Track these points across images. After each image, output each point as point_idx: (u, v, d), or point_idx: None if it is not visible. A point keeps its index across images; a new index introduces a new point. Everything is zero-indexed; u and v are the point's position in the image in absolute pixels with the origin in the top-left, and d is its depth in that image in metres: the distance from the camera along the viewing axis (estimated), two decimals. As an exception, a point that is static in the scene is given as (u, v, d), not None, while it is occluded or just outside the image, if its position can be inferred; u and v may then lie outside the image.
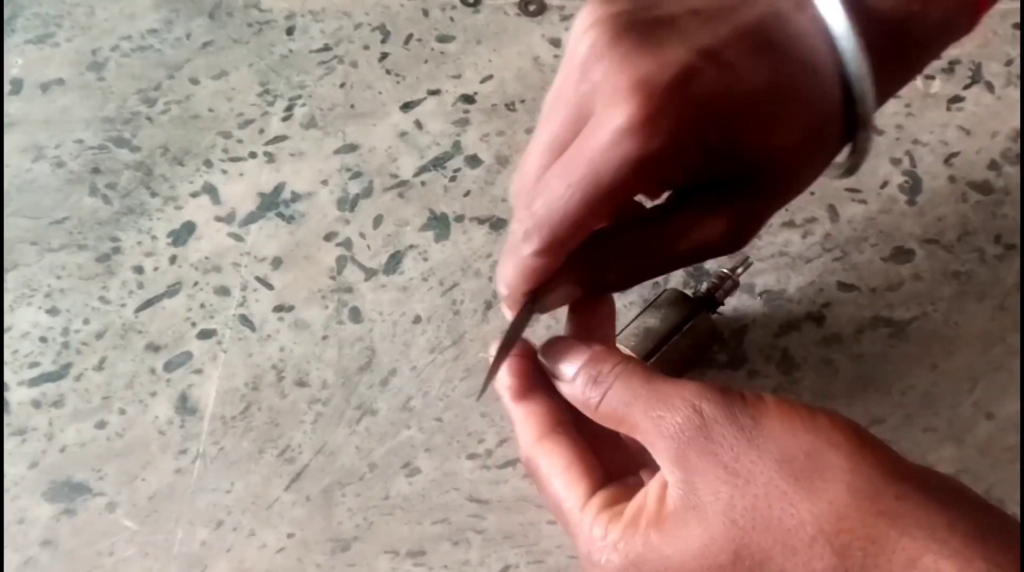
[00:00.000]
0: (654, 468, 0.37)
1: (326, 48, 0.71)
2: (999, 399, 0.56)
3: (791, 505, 0.32)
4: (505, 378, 0.41)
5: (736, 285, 0.56)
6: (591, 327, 0.43)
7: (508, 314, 0.43)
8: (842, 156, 0.43)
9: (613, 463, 0.39)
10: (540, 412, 0.40)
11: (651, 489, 0.36)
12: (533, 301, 0.42)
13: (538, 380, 0.41)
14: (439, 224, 0.63)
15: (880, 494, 0.32)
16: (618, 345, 0.46)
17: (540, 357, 0.41)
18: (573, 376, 0.39)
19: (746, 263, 0.57)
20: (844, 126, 0.41)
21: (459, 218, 0.63)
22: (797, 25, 0.39)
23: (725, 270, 0.56)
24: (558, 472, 0.38)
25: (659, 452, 0.35)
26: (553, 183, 0.39)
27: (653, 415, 0.35)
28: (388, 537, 0.53)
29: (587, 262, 0.42)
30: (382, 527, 0.53)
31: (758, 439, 0.33)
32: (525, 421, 0.40)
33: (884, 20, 0.40)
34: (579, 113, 0.39)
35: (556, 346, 0.41)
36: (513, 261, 0.42)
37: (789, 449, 0.33)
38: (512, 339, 0.41)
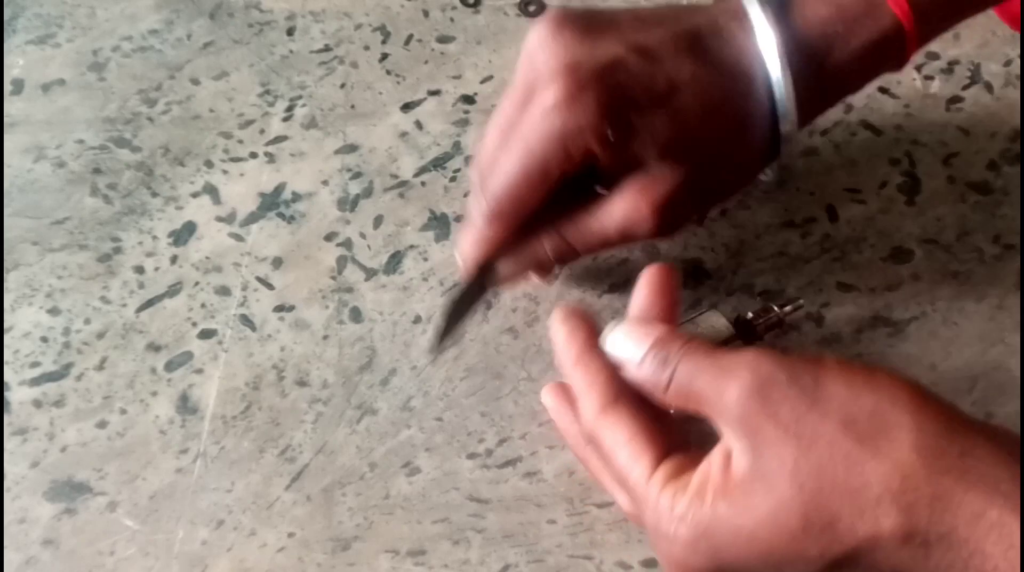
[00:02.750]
0: (708, 447, 0.37)
1: (326, 49, 0.71)
2: (998, 399, 0.57)
3: (856, 466, 0.32)
4: (564, 346, 0.43)
5: (780, 323, 0.54)
6: (653, 309, 0.44)
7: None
8: (771, 170, 0.48)
9: (674, 436, 0.40)
10: (600, 382, 0.40)
11: (714, 458, 0.36)
12: (483, 273, 0.47)
13: (596, 348, 0.42)
14: (439, 224, 0.63)
15: (944, 451, 0.32)
16: None
17: (604, 345, 0.41)
18: (641, 359, 0.39)
19: (796, 304, 0.55)
20: (769, 138, 0.45)
21: (459, 218, 0.63)
22: (730, 36, 0.44)
23: (774, 306, 0.55)
24: (622, 444, 0.38)
25: (724, 420, 0.36)
26: (499, 158, 0.45)
27: (717, 385, 0.36)
28: (388, 536, 0.53)
29: (526, 238, 0.47)
30: (382, 526, 0.53)
31: (820, 400, 0.33)
32: (588, 392, 0.41)
33: (808, 39, 0.44)
34: (525, 96, 0.45)
35: (619, 333, 0.41)
36: (468, 232, 0.47)
37: (851, 409, 0.33)
38: (459, 306, 0.46)
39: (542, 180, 0.44)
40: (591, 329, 0.43)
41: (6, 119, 0.68)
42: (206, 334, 0.60)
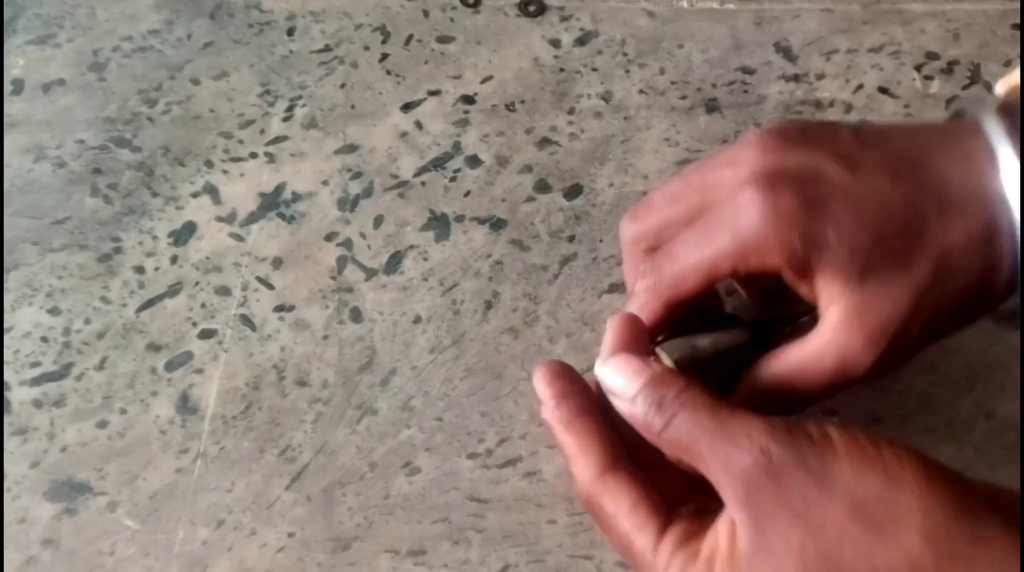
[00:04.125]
0: (710, 492, 0.36)
1: (326, 49, 0.71)
2: (998, 399, 0.57)
3: (864, 552, 0.32)
4: (553, 412, 0.40)
5: (796, 332, 0.48)
6: (627, 341, 0.42)
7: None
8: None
9: (670, 489, 0.39)
10: (596, 447, 0.39)
11: (720, 528, 0.35)
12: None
13: (587, 406, 0.40)
14: (439, 224, 0.63)
15: (953, 537, 0.32)
16: (658, 351, 0.44)
17: (597, 372, 0.40)
18: (633, 396, 0.37)
19: (813, 314, 0.49)
20: (993, 281, 0.40)
21: (459, 218, 0.63)
22: (962, 163, 0.38)
23: (789, 315, 0.50)
24: (624, 513, 0.37)
25: (725, 491, 0.35)
26: (681, 250, 0.42)
27: (719, 452, 0.34)
28: (388, 536, 0.53)
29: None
30: (382, 526, 0.53)
31: (828, 484, 0.33)
32: (582, 457, 0.39)
33: None
34: (712, 191, 0.41)
35: (611, 366, 0.39)
36: (634, 305, 0.44)
37: (859, 493, 0.32)
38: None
39: (707, 277, 0.41)
40: (580, 389, 0.41)
41: (6, 119, 0.68)
42: (206, 334, 0.60)
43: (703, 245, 0.41)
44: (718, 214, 0.40)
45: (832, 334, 0.39)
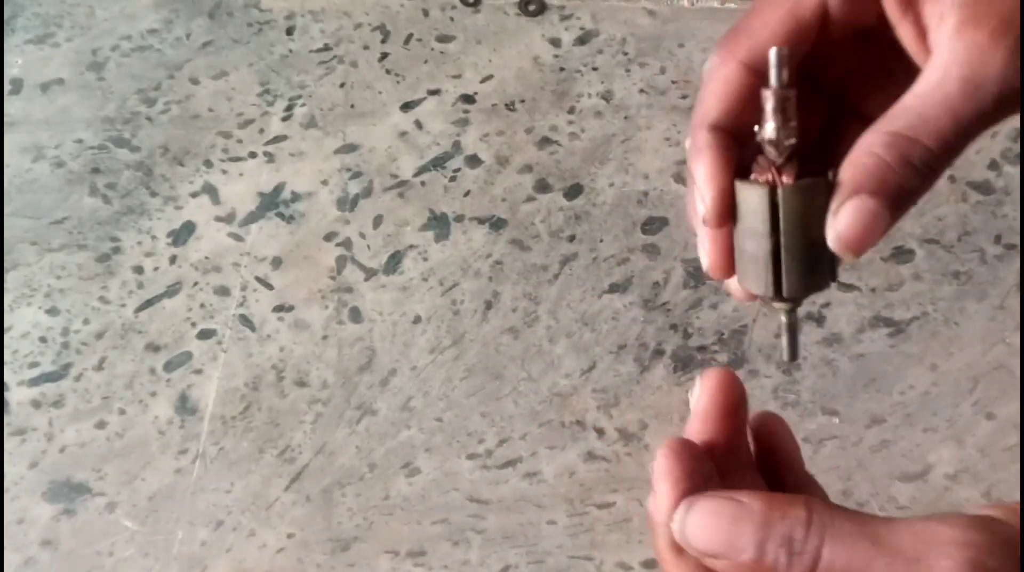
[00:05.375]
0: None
1: (326, 48, 0.71)
2: (999, 399, 0.56)
3: None
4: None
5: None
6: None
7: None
8: None
9: None
10: None
11: None
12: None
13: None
14: (439, 224, 0.63)
15: None
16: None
17: (681, 541, 0.29)
18: (754, 552, 0.28)
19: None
20: None
21: (459, 218, 0.63)
22: None
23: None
24: None
25: None
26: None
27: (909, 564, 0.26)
28: (388, 537, 0.53)
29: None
30: (382, 527, 0.53)
31: None
32: None
33: None
34: None
35: (697, 517, 0.29)
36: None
37: None
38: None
39: (795, 31, 0.34)
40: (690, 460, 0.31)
41: (5, 119, 0.68)
42: (205, 334, 0.60)
43: None
44: None
45: (951, 44, 0.31)
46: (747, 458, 0.33)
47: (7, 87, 0.69)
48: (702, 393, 0.32)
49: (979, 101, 0.31)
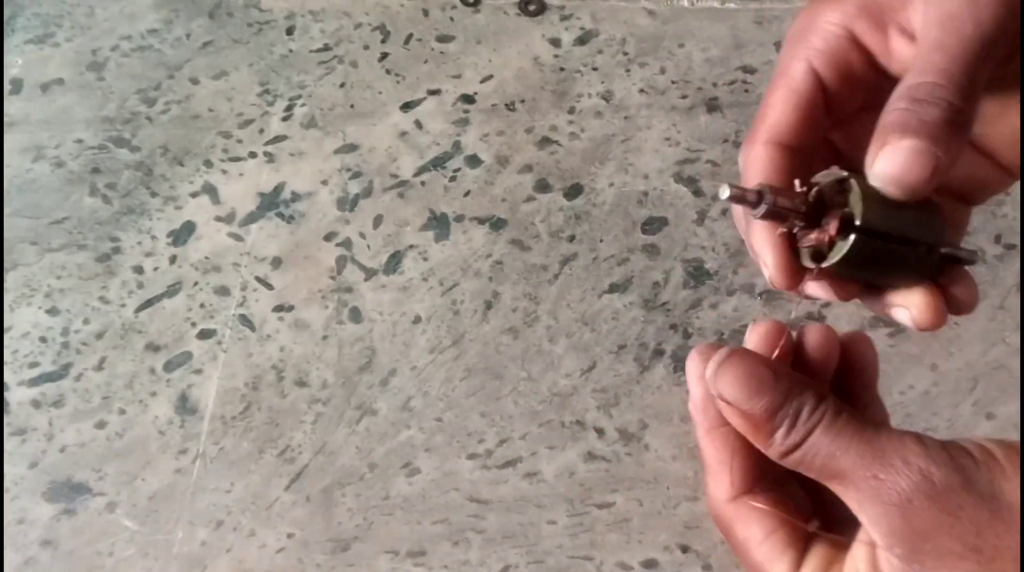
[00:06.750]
0: (833, 505, 0.33)
1: (326, 48, 0.71)
2: (999, 399, 0.56)
3: None
4: (698, 410, 0.35)
5: (972, 262, 0.36)
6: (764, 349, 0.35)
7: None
8: None
9: (798, 503, 0.34)
10: (735, 464, 0.34)
11: (857, 554, 0.32)
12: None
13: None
14: (439, 224, 0.63)
15: None
16: (850, 176, 0.33)
17: (709, 381, 0.33)
18: (763, 413, 0.32)
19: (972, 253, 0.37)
20: None
21: (459, 218, 0.63)
22: None
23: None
24: (758, 541, 0.34)
25: (874, 519, 0.31)
26: None
27: (867, 475, 0.30)
28: (388, 537, 0.53)
29: None
30: (382, 527, 0.53)
31: (1000, 510, 0.29)
32: (717, 473, 0.35)
33: None
34: None
35: (728, 371, 0.33)
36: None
37: None
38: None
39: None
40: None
41: (5, 119, 0.68)
42: (205, 334, 0.60)
43: None
44: None
45: (926, 12, 0.34)
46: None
47: (7, 87, 0.69)
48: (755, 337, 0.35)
49: (961, 32, 0.32)
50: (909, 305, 0.35)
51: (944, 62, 0.32)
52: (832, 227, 0.32)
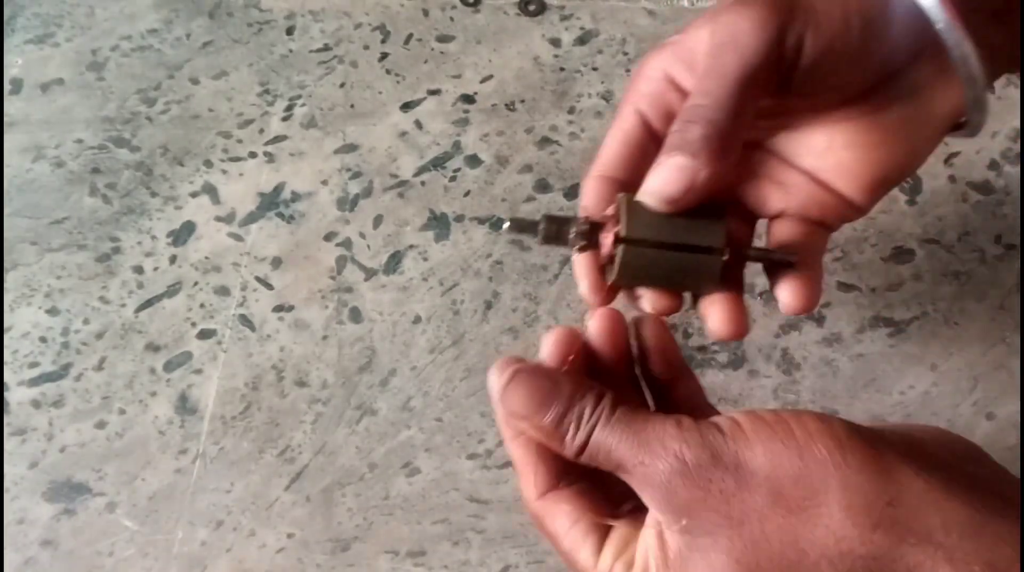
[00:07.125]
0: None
1: (326, 48, 0.71)
2: (999, 399, 0.56)
3: (790, 537, 0.32)
4: (503, 420, 0.38)
5: (790, 265, 0.41)
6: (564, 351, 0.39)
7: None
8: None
9: (615, 487, 0.38)
10: (538, 464, 0.38)
11: (648, 535, 0.36)
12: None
13: None
14: (439, 224, 0.63)
15: (871, 505, 0.32)
16: (636, 198, 0.37)
17: (499, 401, 0.36)
18: (547, 421, 0.35)
19: (789, 256, 0.41)
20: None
21: (459, 218, 0.63)
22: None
23: (768, 250, 0.42)
24: (563, 533, 0.38)
25: (648, 498, 0.35)
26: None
27: (636, 462, 0.34)
28: (388, 537, 0.53)
29: None
30: (382, 527, 0.53)
31: (745, 477, 0.33)
32: (524, 475, 0.39)
33: None
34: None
35: (513, 388, 0.36)
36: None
37: (776, 479, 0.33)
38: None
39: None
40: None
41: (5, 119, 0.68)
42: (205, 334, 0.60)
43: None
44: None
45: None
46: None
47: (7, 87, 0.69)
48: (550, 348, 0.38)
49: (723, 59, 0.37)
50: (708, 315, 0.40)
51: (707, 85, 0.37)
52: (607, 242, 0.37)
